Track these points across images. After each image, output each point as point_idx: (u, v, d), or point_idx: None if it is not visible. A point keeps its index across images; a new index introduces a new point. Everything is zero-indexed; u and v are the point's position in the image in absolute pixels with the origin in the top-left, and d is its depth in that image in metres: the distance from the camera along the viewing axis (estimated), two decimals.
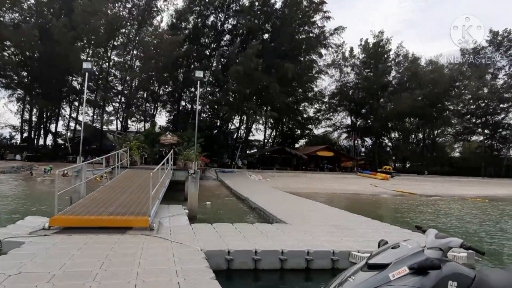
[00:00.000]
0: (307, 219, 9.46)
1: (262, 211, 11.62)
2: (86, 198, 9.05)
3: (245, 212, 13.15)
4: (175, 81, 43.28)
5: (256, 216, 12.12)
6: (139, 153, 18.84)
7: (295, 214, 10.51)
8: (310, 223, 8.81)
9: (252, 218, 11.82)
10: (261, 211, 11.82)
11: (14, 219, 8.88)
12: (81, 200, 8.75)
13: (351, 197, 23.84)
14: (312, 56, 41.54)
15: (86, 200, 8.76)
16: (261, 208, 12.04)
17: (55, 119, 42.18)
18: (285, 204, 13.47)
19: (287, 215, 9.97)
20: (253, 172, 34.48)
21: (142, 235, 6.53)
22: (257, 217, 11.90)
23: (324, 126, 55.81)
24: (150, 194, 7.61)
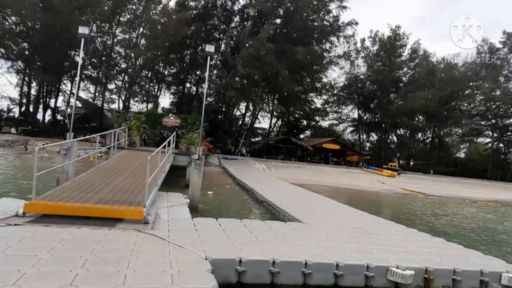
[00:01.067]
0: (324, 219, 8.32)
1: (271, 206, 10.49)
2: (73, 180, 7.90)
3: (251, 205, 12.03)
4: (181, 62, 41.77)
5: (264, 210, 11.00)
6: (138, 133, 17.65)
7: (309, 211, 9.37)
8: (329, 224, 7.66)
9: (259, 213, 10.70)
10: (270, 205, 10.68)
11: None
12: (68, 183, 7.60)
13: (361, 193, 22.72)
14: (324, 45, 39.80)
15: (73, 182, 7.61)
16: (269, 202, 10.90)
17: (55, 94, 40.94)
18: (295, 198, 12.34)
19: (301, 212, 8.83)
20: (257, 161, 33.34)
21: (134, 231, 5.39)
22: (265, 211, 10.78)
23: (330, 119, 54.43)
24: (147, 180, 6.45)
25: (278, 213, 9.58)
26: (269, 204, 10.87)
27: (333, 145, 42.29)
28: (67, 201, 6.05)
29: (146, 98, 42.30)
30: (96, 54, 40.48)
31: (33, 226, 5.16)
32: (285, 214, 9.01)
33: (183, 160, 14.37)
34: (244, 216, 9.90)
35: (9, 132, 30.91)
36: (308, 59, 34.45)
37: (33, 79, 37.83)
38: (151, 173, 7.00)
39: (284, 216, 9.01)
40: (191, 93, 43.73)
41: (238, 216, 9.84)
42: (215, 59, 39.89)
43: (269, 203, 10.86)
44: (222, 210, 10.51)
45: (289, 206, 9.73)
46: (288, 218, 8.56)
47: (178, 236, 5.29)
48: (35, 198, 5.98)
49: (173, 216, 6.85)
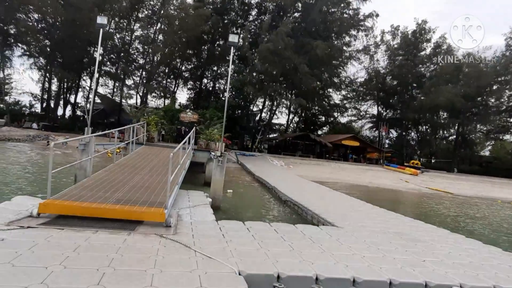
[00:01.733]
0: (359, 222, 7.60)
1: (297, 206, 9.84)
2: (91, 177, 7.47)
3: (275, 205, 11.41)
4: (198, 57, 41.44)
5: (289, 210, 10.37)
6: (157, 129, 17.29)
7: (339, 212, 8.66)
8: (366, 228, 6.95)
9: (284, 213, 10.07)
10: (295, 205, 10.04)
11: (10, 194, 7.52)
12: (85, 180, 7.17)
13: (386, 193, 21.74)
14: (344, 39, 38.56)
15: (91, 180, 7.17)
16: (294, 201, 10.25)
17: (75, 90, 41.41)
18: (320, 197, 11.62)
19: (331, 214, 8.14)
20: (274, 157, 32.70)
21: (155, 236, 4.85)
22: (291, 212, 10.14)
23: (349, 115, 53.11)
24: (169, 179, 5.90)
25: (306, 214, 8.92)
26: (294, 204, 10.22)
27: (352, 142, 41.14)
28: (84, 201, 5.58)
29: (163, 93, 42.26)
30: (115, 50, 40.66)
31: (46, 229, 4.70)
32: (313, 215, 8.34)
33: (203, 157, 13.88)
34: (269, 217, 9.31)
35: (31, 127, 31.34)
36: (327, 53, 33.41)
37: (53, 75, 38.30)
38: (173, 170, 6.45)
39: (312, 218, 8.35)
40: (208, 89, 43.41)
41: (263, 217, 9.25)
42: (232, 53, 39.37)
43: (294, 203, 10.21)
44: (245, 210, 9.93)
45: (316, 207, 9.05)
46: (319, 220, 7.89)
47: (205, 243, 4.72)
48: (50, 197, 5.55)
49: (196, 218, 6.29)
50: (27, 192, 8.67)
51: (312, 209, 8.75)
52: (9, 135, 26.12)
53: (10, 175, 11.93)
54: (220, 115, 28.30)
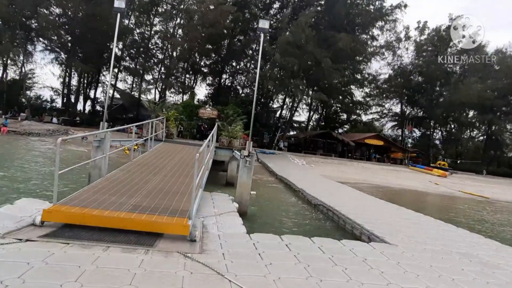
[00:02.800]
0: (412, 236, 6.48)
1: (332, 211, 8.79)
2: (106, 178, 6.66)
3: (305, 210, 10.36)
4: (218, 52, 40.65)
5: (322, 216, 9.32)
6: (176, 125, 16.56)
7: (383, 222, 7.54)
8: (424, 247, 5.83)
9: (318, 220, 9.02)
10: (330, 210, 8.98)
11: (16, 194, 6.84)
12: (98, 181, 6.36)
13: (418, 196, 20.32)
14: (370, 32, 36.82)
15: (105, 181, 6.36)
16: (328, 206, 9.20)
17: (94, 85, 41.48)
18: (355, 202, 10.51)
19: (376, 225, 7.05)
20: (295, 155, 31.58)
21: (179, 256, 3.94)
22: (324, 218, 9.10)
23: (372, 113, 51.25)
24: (194, 184, 4.98)
25: (344, 222, 7.85)
26: (328, 209, 9.17)
27: (376, 141, 39.46)
28: (95, 208, 4.73)
29: (182, 89, 41.75)
30: (134, 45, 40.44)
31: (48, 243, 3.86)
32: (355, 225, 7.26)
33: (224, 155, 13.00)
34: (304, 226, 8.30)
35: (51, 121, 31.37)
36: (352, 47, 31.89)
37: (73, 69, 38.37)
38: (198, 172, 5.54)
39: (353, 228, 7.28)
40: (227, 85, 42.61)
41: (297, 226, 8.25)
42: (252, 49, 38.33)
43: (328, 208, 9.15)
44: (274, 216, 8.95)
45: (355, 214, 7.98)
46: (362, 231, 6.81)
47: (239, 267, 3.76)
48: (56, 202, 4.73)
49: (224, 230, 5.36)
50: (39, 192, 7.98)
51: (352, 217, 7.68)
52: (29, 129, 26.09)
53: (25, 171, 11.39)
54: (240, 112, 27.41)
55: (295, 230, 7.63)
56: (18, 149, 17.39)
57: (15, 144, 19.74)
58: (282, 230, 7.22)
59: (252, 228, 6.52)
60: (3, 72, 37.47)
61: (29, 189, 8.74)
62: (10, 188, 8.56)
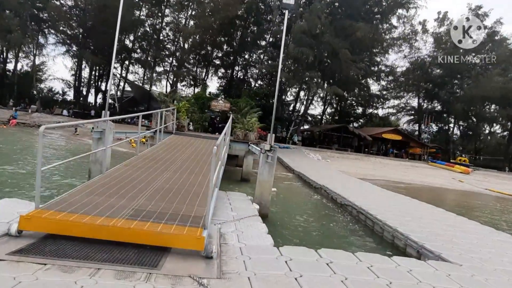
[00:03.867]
0: (471, 251, 5.35)
1: (365, 215, 7.69)
2: (106, 174, 5.71)
3: (331, 210, 9.27)
4: (230, 44, 39.52)
5: (351, 219, 8.23)
6: (188, 117, 15.62)
7: (431, 231, 6.39)
8: (494, 266, 4.70)
9: (349, 223, 7.92)
10: (362, 213, 7.89)
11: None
12: (96, 179, 5.41)
13: (449, 195, 18.94)
14: (389, 21, 35.03)
15: (105, 178, 5.41)
16: (359, 209, 8.10)
17: (106, 77, 40.96)
18: (386, 202, 9.37)
19: (424, 235, 5.94)
20: (310, 150, 30.39)
21: (192, 282, 2.94)
22: (353, 221, 8.01)
23: (389, 107, 49.47)
24: (211, 185, 3.95)
25: (382, 229, 6.75)
26: (359, 212, 8.08)
27: (394, 136, 37.83)
28: (87, 213, 3.77)
29: (194, 82, 40.88)
30: (145, 37, 39.68)
31: (19, 263, 2.91)
32: (396, 234, 6.16)
33: (240, 149, 11.99)
34: (334, 231, 7.22)
35: (61, 114, 30.94)
36: (370, 37, 30.32)
37: (84, 61, 37.88)
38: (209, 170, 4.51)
39: (394, 238, 6.18)
40: (239, 77, 41.46)
41: (326, 231, 7.18)
42: (266, 39, 37.04)
43: (359, 211, 8.06)
44: (299, 218, 7.89)
45: (392, 220, 6.87)
46: (406, 242, 5.71)
47: None
48: (40, 206, 3.79)
49: (247, 241, 4.34)
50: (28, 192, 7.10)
51: (390, 223, 6.57)
52: (39, 121, 25.60)
53: (27, 165, 10.61)
54: (254, 104, 26.34)
55: (326, 237, 6.57)
56: (20, 141, 16.75)
57: (18, 136, 19.15)
58: (312, 237, 6.18)
59: (277, 235, 5.51)
60: (15, 64, 37.29)
61: (19, 186, 7.90)
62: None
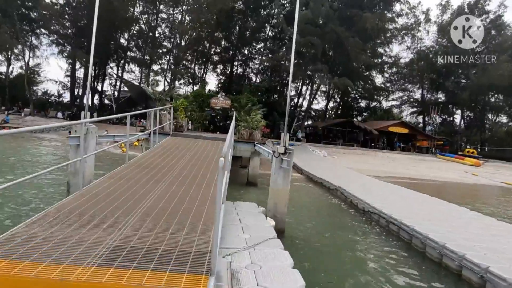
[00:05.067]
0: None
1: (398, 226, 6.53)
2: (83, 192, 4.52)
3: (353, 217, 8.08)
4: (228, 39, 38.18)
5: (376, 227, 7.07)
6: (186, 116, 14.45)
7: (484, 245, 5.26)
8: None
9: (380, 237, 6.74)
10: (394, 224, 6.73)
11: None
12: (69, 199, 4.23)
13: (470, 191, 17.72)
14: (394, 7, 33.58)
15: (81, 198, 4.23)
16: (389, 218, 6.94)
17: (101, 77, 39.78)
18: (416, 208, 8.19)
19: (480, 253, 4.78)
20: (315, 146, 29.21)
21: None
22: (384, 233, 6.84)
23: (395, 99, 48.26)
24: (217, 211, 2.79)
25: (423, 244, 5.60)
26: (388, 221, 6.91)
27: (400, 129, 36.54)
28: (40, 260, 2.62)
29: (192, 79, 39.66)
30: (141, 35, 38.46)
31: None
32: (445, 251, 5.00)
33: (245, 150, 10.80)
34: (366, 247, 6.05)
35: (56, 116, 29.78)
36: (376, 27, 29.01)
37: (78, 61, 36.72)
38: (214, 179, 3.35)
39: (443, 256, 5.02)
40: (238, 74, 40.15)
41: (358, 249, 6.00)
42: (265, 31, 35.70)
43: (389, 219, 6.90)
44: (321, 232, 6.71)
45: (434, 230, 5.72)
46: (462, 264, 4.56)
47: None
48: None
49: (268, 282, 3.18)
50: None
51: (435, 237, 5.40)
52: (32, 125, 24.41)
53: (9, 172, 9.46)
54: (256, 100, 25.13)
55: (360, 262, 5.40)
56: (12, 148, 15.60)
57: (9, 141, 17.98)
58: (344, 264, 5.02)
59: (298, 258, 4.35)
60: (7, 66, 36.12)
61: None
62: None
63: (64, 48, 37.10)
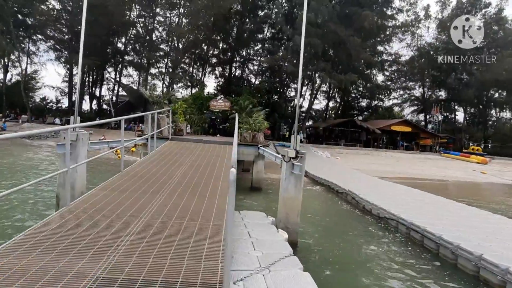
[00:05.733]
0: None
1: (421, 233, 5.96)
2: (70, 209, 3.96)
3: (370, 224, 7.50)
4: (226, 41, 37.66)
5: (398, 236, 6.50)
6: (185, 119, 13.92)
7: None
8: None
9: (401, 245, 6.17)
10: (416, 231, 6.16)
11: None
12: (54, 217, 3.67)
13: (479, 192, 17.16)
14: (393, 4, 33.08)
15: (64, 217, 3.68)
16: (409, 224, 6.37)
17: (99, 82, 39.29)
18: (434, 211, 7.62)
19: None
20: (318, 147, 28.68)
21: None
22: (404, 241, 6.27)
23: (396, 97, 47.75)
24: (226, 246, 2.24)
25: (455, 255, 5.03)
26: (409, 228, 6.35)
27: (403, 127, 36.03)
28: None
29: (190, 83, 39.14)
30: (138, 38, 37.99)
31: None
32: (482, 262, 4.45)
33: (248, 153, 10.25)
34: (395, 266, 5.46)
35: (53, 122, 29.24)
36: (376, 24, 28.50)
37: (75, 66, 36.22)
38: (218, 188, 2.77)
39: (480, 268, 4.47)
40: (237, 76, 39.61)
41: (384, 266, 5.42)
42: (263, 32, 35.23)
43: (409, 226, 6.33)
44: (339, 246, 6.12)
45: (465, 239, 5.17)
46: (507, 280, 4.00)
47: None
48: None
49: None
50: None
51: (467, 247, 4.84)
52: None
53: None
54: (256, 102, 24.63)
55: (390, 277, 4.83)
56: (8, 155, 15.04)
57: (6, 149, 17.43)
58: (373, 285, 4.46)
59: (322, 283, 3.78)
60: (4, 73, 35.65)
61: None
62: None
63: (61, 54, 36.62)
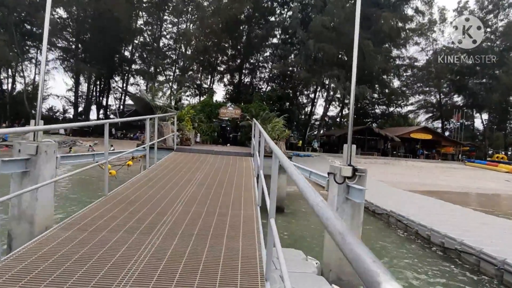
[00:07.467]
0: None
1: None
2: (21, 253, 2.44)
3: (436, 257, 5.82)
4: (235, 48, 36.50)
5: (487, 280, 4.81)
6: (193, 127, 12.50)
7: None
8: None
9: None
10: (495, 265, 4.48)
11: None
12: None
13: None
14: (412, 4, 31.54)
15: (16, 264, 2.15)
16: (489, 256, 4.69)
17: (106, 92, 38.50)
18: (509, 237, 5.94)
19: None
20: (333, 157, 26.92)
21: None
22: (474, 271, 4.59)
23: (413, 103, 45.88)
24: None
25: None
26: (487, 261, 4.67)
27: (424, 135, 34.07)
28: None
29: (199, 91, 38.01)
30: (145, 46, 37.20)
31: None
32: None
33: (268, 166, 8.66)
34: None
35: (58, 132, 28.23)
36: (396, 25, 26.97)
37: (82, 76, 35.59)
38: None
39: None
40: (246, 83, 38.30)
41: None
42: (277, 36, 33.96)
43: (497, 263, 4.66)
44: None
45: None
46: None
47: None
48: None
49: None
50: None
51: None
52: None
53: None
54: (267, 109, 23.18)
55: None
56: None
57: None
58: None
59: None
60: (12, 83, 35.17)
61: None
62: None
63: (68, 63, 36.01)
